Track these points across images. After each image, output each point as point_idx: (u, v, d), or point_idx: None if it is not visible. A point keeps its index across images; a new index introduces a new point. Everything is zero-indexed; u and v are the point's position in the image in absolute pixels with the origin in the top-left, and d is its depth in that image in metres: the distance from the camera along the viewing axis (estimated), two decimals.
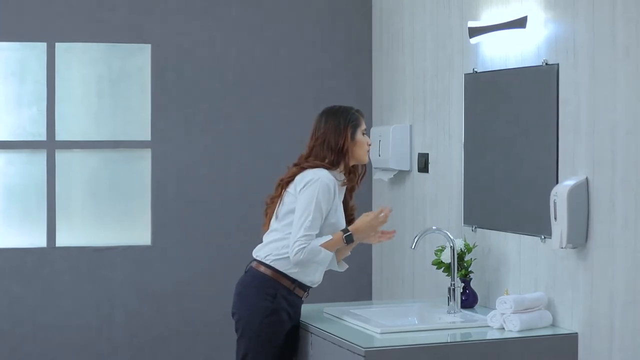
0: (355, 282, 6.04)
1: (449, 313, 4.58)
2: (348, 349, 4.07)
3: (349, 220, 4.51)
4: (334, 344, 4.19)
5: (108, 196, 5.87)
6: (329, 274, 6.01)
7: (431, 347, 4.07)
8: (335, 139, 4.42)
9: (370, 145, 4.52)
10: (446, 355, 4.08)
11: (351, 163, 4.47)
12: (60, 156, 5.77)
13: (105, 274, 5.79)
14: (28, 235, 5.78)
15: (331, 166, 4.41)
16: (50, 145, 5.75)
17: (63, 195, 5.78)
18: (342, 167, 4.44)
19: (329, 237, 4.36)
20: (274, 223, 4.43)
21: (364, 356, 3.96)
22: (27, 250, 5.73)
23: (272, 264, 4.36)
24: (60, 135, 5.76)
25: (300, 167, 4.42)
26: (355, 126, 4.46)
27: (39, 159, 5.76)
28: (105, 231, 5.88)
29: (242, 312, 4.37)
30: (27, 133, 5.77)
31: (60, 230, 5.76)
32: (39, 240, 5.76)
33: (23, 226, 5.80)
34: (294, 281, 4.38)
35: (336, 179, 4.41)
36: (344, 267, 4.62)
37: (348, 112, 4.48)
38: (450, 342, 4.19)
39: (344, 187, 4.48)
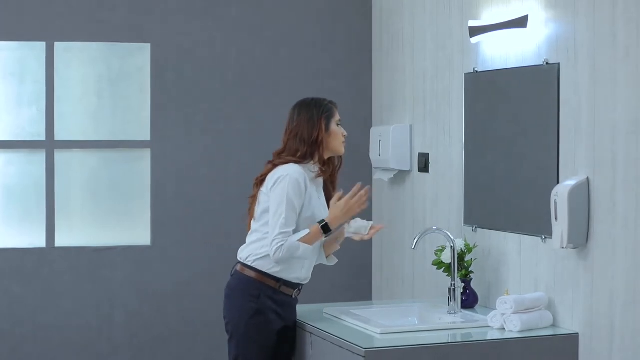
0: (355, 282, 6.03)
1: (449, 313, 4.58)
2: (348, 349, 4.07)
3: None
4: (334, 344, 4.19)
5: (107, 196, 5.87)
6: (329, 274, 6.02)
7: (431, 348, 4.06)
8: (309, 131, 4.40)
9: (345, 136, 4.49)
10: (446, 356, 4.07)
11: (326, 155, 4.44)
12: (60, 156, 5.77)
13: (105, 274, 5.79)
14: (27, 236, 5.78)
15: (303, 160, 4.38)
16: (49, 145, 5.74)
17: (62, 195, 5.77)
18: (316, 159, 4.41)
19: (306, 231, 4.34)
20: (253, 223, 4.45)
21: (364, 356, 3.96)
22: (26, 251, 5.73)
23: (254, 265, 4.37)
24: (59, 135, 5.76)
25: (272, 165, 4.42)
26: (329, 117, 4.44)
27: (38, 158, 5.76)
28: (104, 231, 5.87)
29: (229, 315, 4.40)
30: (26, 133, 5.77)
31: (59, 231, 5.76)
32: (38, 240, 5.76)
33: (22, 226, 5.80)
34: (278, 280, 4.37)
35: (310, 171, 4.39)
36: (334, 260, 4.60)
37: (321, 103, 4.46)
38: (450, 343, 4.18)
39: (321, 179, 4.46)
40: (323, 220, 4.36)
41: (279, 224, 4.29)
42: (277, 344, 4.41)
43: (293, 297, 4.44)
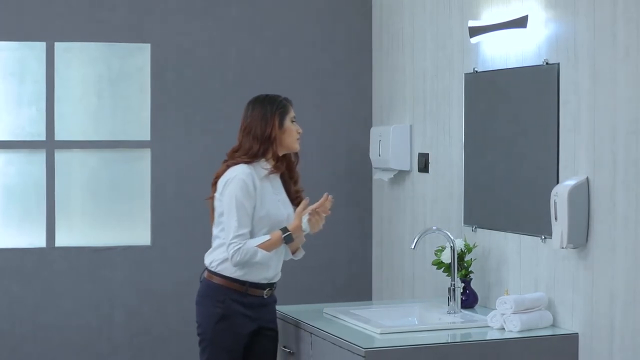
0: (355, 282, 6.03)
1: (449, 313, 4.58)
2: (348, 349, 4.07)
3: (297, 204, 4.46)
4: (334, 344, 4.19)
5: (107, 196, 5.87)
6: (329, 274, 6.02)
7: (431, 348, 4.06)
8: (262, 127, 4.37)
9: (300, 132, 4.45)
10: (446, 356, 4.07)
11: (280, 152, 4.42)
12: (60, 156, 5.77)
13: (105, 274, 5.79)
14: (27, 235, 5.78)
15: (255, 158, 4.36)
16: (49, 145, 5.74)
17: (62, 195, 5.77)
18: (269, 156, 4.39)
19: (267, 238, 4.34)
20: (214, 228, 4.45)
21: (364, 356, 3.96)
22: (26, 250, 5.73)
23: (218, 271, 4.37)
24: (59, 135, 5.76)
25: (226, 165, 4.41)
26: (283, 114, 4.41)
27: (39, 158, 5.76)
28: (104, 231, 5.87)
29: (198, 321, 4.42)
30: (26, 133, 5.77)
31: (59, 230, 5.76)
32: (38, 240, 5.76)
33: (22, 226, 5.79)
34: (244, 283, 4.36)
35: (262, 168, 4.37)
36: (301, 254, 4.57)
37: (275, 100, 4.43)
38: (450, 343, 4.18)
39: (276, 176, 4.44)
40: (286, 229, 4.35)
41: (232, 227, 4.29)
42: (253, 345, 4.41)
43: (265, 297, 4.42)
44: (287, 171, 4.50)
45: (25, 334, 5.71)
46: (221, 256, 4.36)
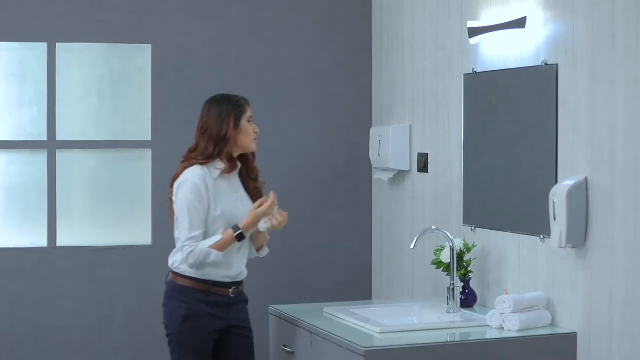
0: (355, 282, 6.04)
1: (449, 313, 4.59)
2: (348, 349, 4.08)
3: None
4: (334, 343, 4.20)
5: (108, 196, 5.88)
6: (329, 274, 6.03)
7: (431, 347, 4.07)
8: (217, 127, 4.37)
9: (257, 133, 4.45)
10: (445, 355, 4.08)
11: (236, 152, 4.41)
12: (61, 156, 5.78)
13: (105, 273, 5.80)
14: (29, 235, 5.78)
15: (210, 159, 4.36)
16: (50, 145, 5.75)
17: (64, 195, 5.78)
18: (223, 156, 4.38)
19: (219, 238, 4.35)
20: (175, 231, 4.46)
21: (364, 356, 3.97)
22: (27, 250, 5.73)
23: (180, 272, 4.39)
24: (60, 136, 5.77)
25: (182, 167, 4.42)
26: (239, 114, 4.40)
27: (40, 159, 5.76)
28: (105, 231, 5.88)
29: (165, 323, 4.44)
30: (27, 133, 5.78)
31: (60, 230, 5.76)
32: (39, 240, 5.76)
33: (23, 226, 5.80)
34: (207, 282, 4.37)
35: (216, 168, 4.37)
36: (266, 251, 4.57)
37: (231, 100, 4.43)
38: (449, 342, 4.19)
39: (235, 174, 4.44)
40: (237, 228, 4.35)
41: (185, 229, 4.32)
42: (224, 345, 4.42)
43: (232, 295, 4.41)
44: (245, 169, 4.49)
45: (25, 334, 5.72)
46: (182, 257, 4.37)
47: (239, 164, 4.44)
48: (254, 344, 4.54)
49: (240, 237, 4.34)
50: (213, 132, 4.37)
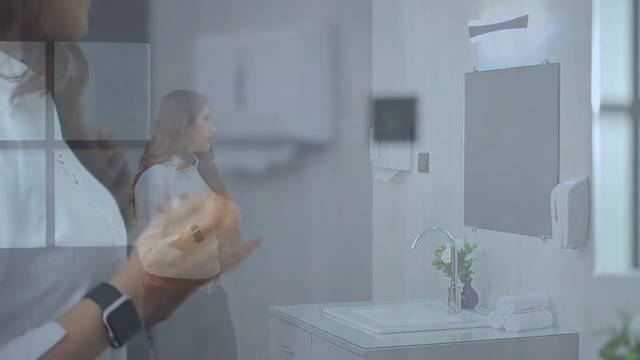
0: (355, 282, 6.03)
1: (449, 313, 4.58)
2: (348, 349, 4.07)
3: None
4: (334, 344, 4.19)
5: None
6: (329, 274, 6.02)
7: (431, 348, 4.06)
8: (172, 122, 4.36)
9: (212, 131, 4.43)
10: (446, 356, 4.07)
11: (191, 149, 4.40)
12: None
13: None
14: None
15: (164, 154, 4.36)
16: (49, 145, 5.73)
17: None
18: (179, 151, 4.37)
19: (178, 236, 4.33)
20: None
21: (364, 356, 3.96)
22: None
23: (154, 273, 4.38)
24: (59, 135, 5.75)
25: (142, 167, 4.42)
26: (195, 110, 4.39)
27: (39, 159, 5.75)
28: None
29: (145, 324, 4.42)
30: None
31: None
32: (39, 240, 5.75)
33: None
34: (182, 281, 4.36)
35: (171, 164, 4.37)
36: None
37: (188, 95, 4.42)
38: (450, 343, 4.18)
39: (194, 169, 4.42)
40: (196, 227, 4.33)
41: (144, 228, 4.30)
42: (207, 342, 4.43)
43: (210, 292, 4.38)
44: (203, 163, 4.47)
45: None
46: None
47: (196, 159, 4.42)
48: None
49: (197, 236, 4.33)
50: (168, 127, 4.36)
